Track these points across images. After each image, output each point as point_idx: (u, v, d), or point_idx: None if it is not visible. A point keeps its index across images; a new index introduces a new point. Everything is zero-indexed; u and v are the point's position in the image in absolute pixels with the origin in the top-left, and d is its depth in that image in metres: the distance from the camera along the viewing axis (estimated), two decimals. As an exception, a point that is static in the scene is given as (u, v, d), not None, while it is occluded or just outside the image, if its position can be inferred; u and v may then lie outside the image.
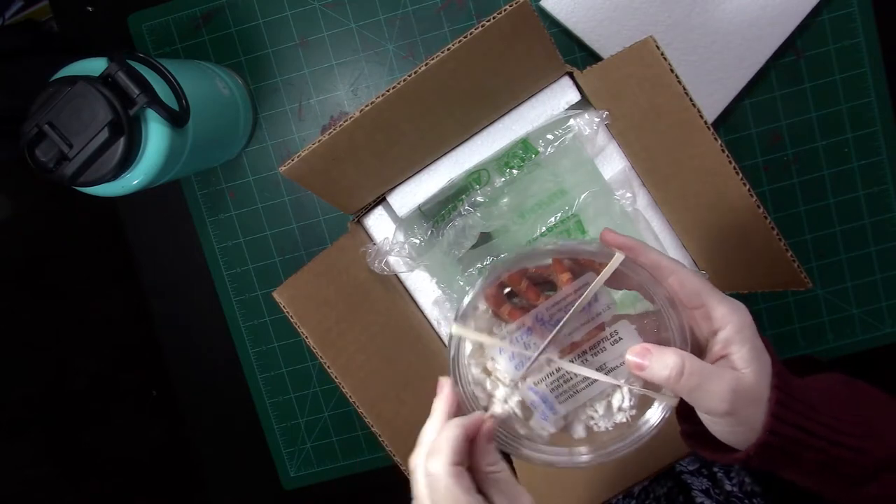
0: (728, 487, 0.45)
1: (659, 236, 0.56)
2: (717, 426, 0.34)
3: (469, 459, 0.34)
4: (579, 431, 0.36)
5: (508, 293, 0.37)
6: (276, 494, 0.71)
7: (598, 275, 0.34)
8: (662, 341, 0.34)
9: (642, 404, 0.35)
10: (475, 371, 0.36)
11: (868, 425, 0.35)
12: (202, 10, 0.63)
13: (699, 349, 0.35)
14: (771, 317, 0.66)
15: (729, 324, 0.33)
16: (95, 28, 0.65)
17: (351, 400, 0.49)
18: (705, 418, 0.34)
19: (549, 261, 0.35)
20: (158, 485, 1.14)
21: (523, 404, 0.36)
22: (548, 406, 0.35)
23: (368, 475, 0.69)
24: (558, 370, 0.35)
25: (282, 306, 0.48)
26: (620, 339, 0.35)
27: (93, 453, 1.15)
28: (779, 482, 0.45)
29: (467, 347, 0.36)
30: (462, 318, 0.34)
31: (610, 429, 0.36)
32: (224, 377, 0.69)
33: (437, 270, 0.57)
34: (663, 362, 0.32)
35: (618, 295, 0.37)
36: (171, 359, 0.70)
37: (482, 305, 0.36)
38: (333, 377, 0.48)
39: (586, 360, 0.35)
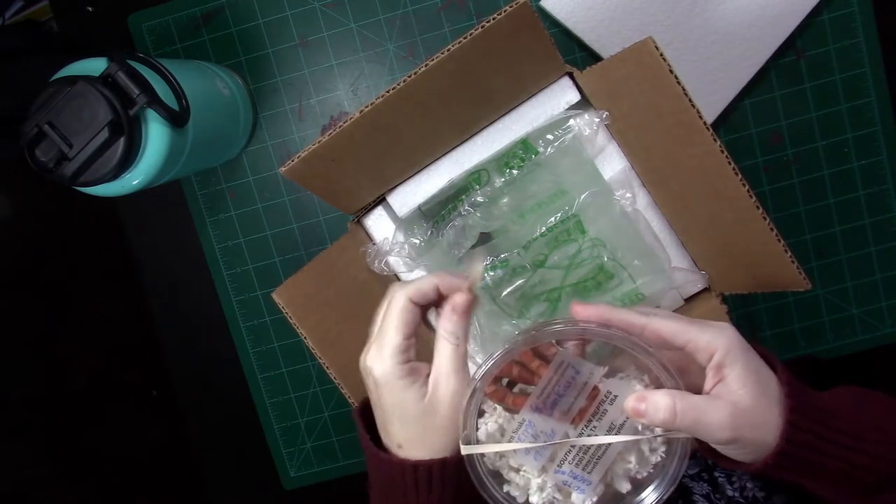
0: (729, 492, 0.45)
1: (659, 236, 0.56)
2: (726, 451, 0.34)
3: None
4: (624, 486, 0.36)
5: (509, 383, 0.37)
6: (276, 494, 0.71)
7: (570, 350, 0.36)
8: (656, 379, 0.35)
9: (670, 440, 0.36)
10: (504, 473, 0.37)
11: (884, 431, 0.35)
12: (202, 10, 0.63)
13: (701, 383, 0.35)
14: (771, 317, 0.66)
15: (718, 348, 0.33)
16: (95, 28, 0.65)
17: (350, 401, 0.49)
18: (715, 445, 0.34)
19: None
20: (158, 485, 1.14)
21: (559, 487, 0.36)
22: (580, 480, 0.35)
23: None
24: (574, 446, 0.35)
25: (281, 307, 0.48)
26: (616, 396, 0.35)
27: (93, 453, 1.15)
28: (782, 488, 0.44)
29: (486, 458, 0.36)
30: (467, 437, 0.35)
31: (651, 471, 0.36)
32: (224, 377, 0.69)
33: (436, 270, 0.57)
34: (655, 406, 0.33)
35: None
36: (171, 359, 0.70)
37: (486, 408, 0.37)
38: (333, 378, 0.49)
39: (595, 427, 0.35)
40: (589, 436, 0.35)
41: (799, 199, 0.64)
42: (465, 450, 0.35)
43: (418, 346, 0.37)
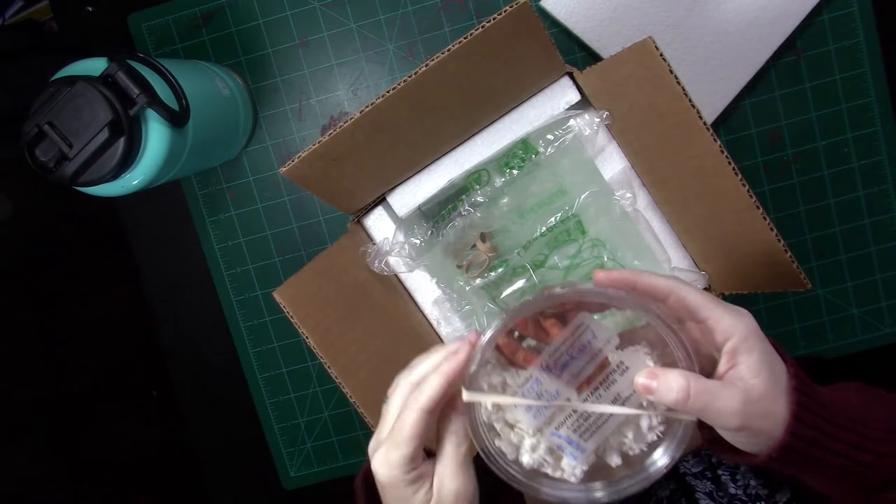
0: (732, 490, 0.45)
1: (659, 236, 0.56)
2: (733, 438, 0.34)
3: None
4: (615, 459, 0.36)
5: (519, 337, 0.37)
6: (276, 494, 0.71)
7: (590, 313, 0.35)
8: (667, 356, 0.34)
9: (668, 419, 0.35)
10: (497, 427, 0.36)
11: (888, 430, 0.35)
12: (202, 10, 0.63)
13: (710, 362, 0.35)
14: (771, 317, 0.66)
15: (735, 334, 0.33)
16: (95, 28, 0.65)
17: (351, 400, 0.49)
18: (721, 432, 0.34)
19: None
20: (158, 485, 1.14)
21: (551, 450, 0.36)
22: (574, 446, 0.35)
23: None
24: (576, 411, 0.35)
25: (282, 306, 0.48)
26: (627, 367, 0.35)
27: (93, 453, 1.15)
28: (785, 485, 0.45)
29: (485, 407, 0.36)
30: (470, 382, 0.35)
31: (644, 449, 0.36)
32: (224, 377, 0.69)
33: (436, 270, 0.57)
34: (668, 385, 0.32)
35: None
36: (171, 359, 0.70)
37: (491, 360, 0.37)
38: (334, 377, 0.48)
39: (600, 396, 0.35)
40: (594, 403, 0.35)
41: (799, 199, 0.64)
42: (466, 395, 0.34)
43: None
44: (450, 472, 0.34)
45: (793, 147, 0.63)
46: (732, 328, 0.33)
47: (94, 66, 0.46)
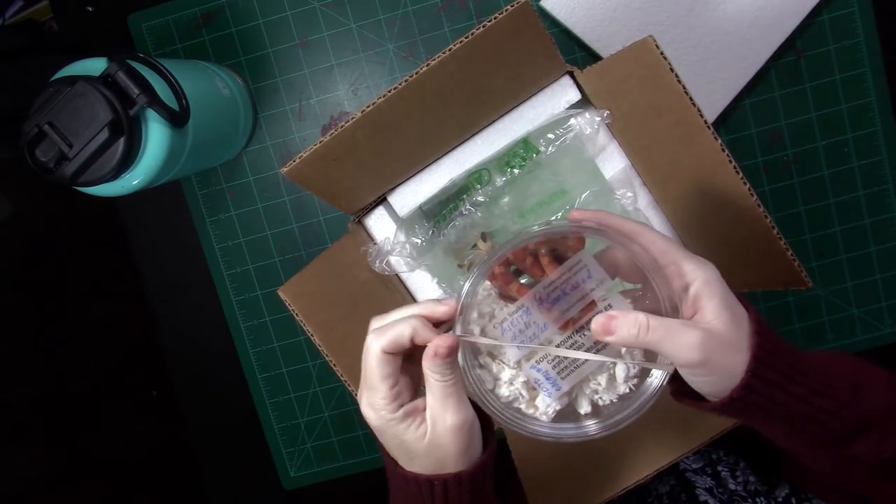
0: (732, 486, 0.45)
1: (659, 236, 0.56)
2: (695, 378, 0.34)
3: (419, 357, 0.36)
4: (584, 406, 0.37)
5: (515, 271, 0.37)
6: (276, 494, 0.71)
7: (589, 254, 0.36)
8: (654, 312, 0.35)
9: (643, 374, 0.36)
10: (481, 360, 0.37)
11: (852, 381, 0.35)
12: (202, 10, 0.63)
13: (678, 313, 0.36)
14: (771, 317, 0.66)
15: (697, 279, 0.34)
16: (95, 28, 0.65)
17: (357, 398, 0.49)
18: (684, 373, 0.34)
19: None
20: (158, 485, 1.14)
21: (528, 385, 0.36)
22: (551, 383, 0.36)
23: (368, 475, 0.70)
24: (559, 347, 0.35)
25: (287, 304, 0.48)
26: (611, 306, 0.36)
27: (93, 453, 1.15)
28: (783, 482, 0.45)
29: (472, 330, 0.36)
30: (462, 306, 0.35)
31: (614, 400, 0.36)
32: (224, 377, 0.69)
33: (438, 270, 0.57)
34: (627, 324, 0.33)
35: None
36: (171, 359, 0.70)
37: (482, 290, 0.37)
38: (340, 375, 0.49)
39: (583, 335, 0.36)
40: (577, 341, 0.36)
41: (799, 199, 0.64)
42: (457, 329, 0.35)
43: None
44: (439, 409, 0.34)
45: (793, 147, 0.63)
46: (694, 273, 0.34)
47: (94, 66, 0.46)
